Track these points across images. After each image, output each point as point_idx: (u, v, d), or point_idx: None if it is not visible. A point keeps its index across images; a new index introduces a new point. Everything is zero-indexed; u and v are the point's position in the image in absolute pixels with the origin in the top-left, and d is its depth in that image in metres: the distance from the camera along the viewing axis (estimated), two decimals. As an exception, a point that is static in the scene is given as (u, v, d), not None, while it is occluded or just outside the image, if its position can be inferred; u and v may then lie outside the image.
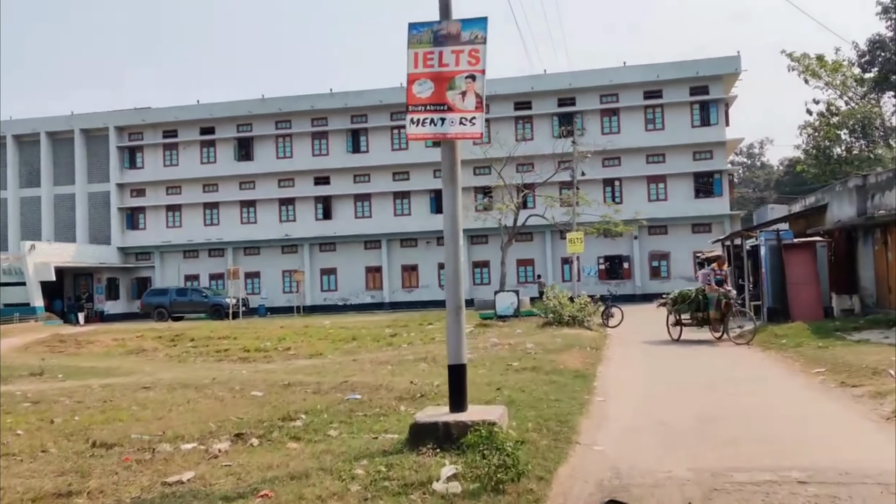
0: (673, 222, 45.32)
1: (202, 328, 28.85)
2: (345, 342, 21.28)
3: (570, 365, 13.55)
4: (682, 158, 45.38)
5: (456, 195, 7.85)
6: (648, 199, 45.64)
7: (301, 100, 49.33)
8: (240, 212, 50.68)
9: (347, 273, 49.02)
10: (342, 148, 49.29)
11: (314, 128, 49.71)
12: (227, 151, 50.59)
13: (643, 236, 45.57)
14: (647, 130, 46.05)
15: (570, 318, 20.93)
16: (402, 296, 48.35)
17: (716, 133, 44.96)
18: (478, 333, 21.39)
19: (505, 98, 47.15)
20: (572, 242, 31.21)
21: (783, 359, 14.03)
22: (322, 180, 49.75)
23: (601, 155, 45.26)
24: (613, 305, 24.87)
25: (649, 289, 45.24)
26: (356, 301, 48.81)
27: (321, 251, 49.84)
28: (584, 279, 45.85)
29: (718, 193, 45.11)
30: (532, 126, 47.13)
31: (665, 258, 45.77)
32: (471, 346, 16.85)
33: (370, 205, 49.17)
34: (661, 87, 45.76)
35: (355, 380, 12.36)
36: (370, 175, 49.13)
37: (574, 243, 31.14)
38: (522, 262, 47.31)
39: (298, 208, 49.86)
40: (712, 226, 45.21)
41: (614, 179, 46.42)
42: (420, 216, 48.14)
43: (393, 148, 48.81)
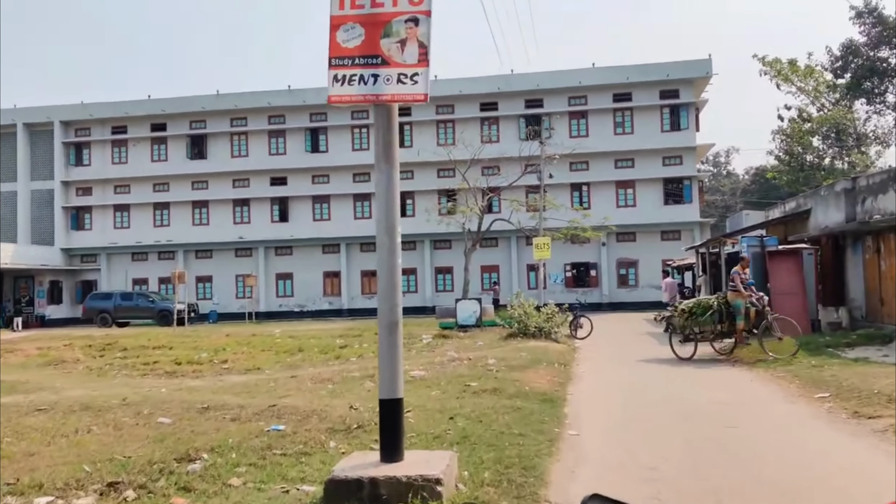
0: (642, 229, 44.05)
1: (139, 336, 26.66)
2: (290, 354, 19.37)
3: (537, 385, 11.84)
4: (651, 163, 44.17)
5: (392, 177, 6.13)
6: (617, 204, 44.33)
7: (258, 96, 47.23)
8: (192, 213, 48.33)
9: (304, 278, 46.95)
10: (300, 147, 47.26)
11: (271, 126, 47.61)
12: (179, 149, 48.25)
13: (611, 243, 44.23)
14: (615, 134, 44.75)
15: (536, 329, 19.27)
16: (361, 302, 46.39)
17: (686, 138, 43.80)
18: (436, 345, 19.63)
19: (471, 98, 45.56)
20: (539, 248, 29.63)
21: (774, 379, 12.48)
22: (279, 181, 47.65)
23: (568, 159, 43.89)
24: (582, 315, 23.28)
25: (617, 297, 43.92)
26: (313, 307, 46.76)
27: (277, 255, 47.71)
28: (550, 286, 44.40)
29: (688, 200, 43.93)
30: (498, 128, 45.57)
31: (633, 266, 44.46)
32: (426, 361, 15.10)
33: (329, 207, 47.17)
34: (630, 89, 44.52)
35: (286, 403, 10.52)
36: (329, 176, 47.15)
37: (541, 249, 29.55)
38: (487, 269, 45.67)
39: (253, 210, 47.69)
40: (681, 233, 44.03)
41: (582, 184, 45.02)
42: (381, 219, 46.18)
43: (354, 148, 46.91)
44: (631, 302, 43.33)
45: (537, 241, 29.86)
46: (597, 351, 18.89)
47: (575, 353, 18.30)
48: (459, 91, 45.18)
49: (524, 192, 42.42)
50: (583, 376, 13.83)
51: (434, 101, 45.63)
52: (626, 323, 30.65)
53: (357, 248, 46.88)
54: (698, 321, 15.69)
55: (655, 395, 11.49)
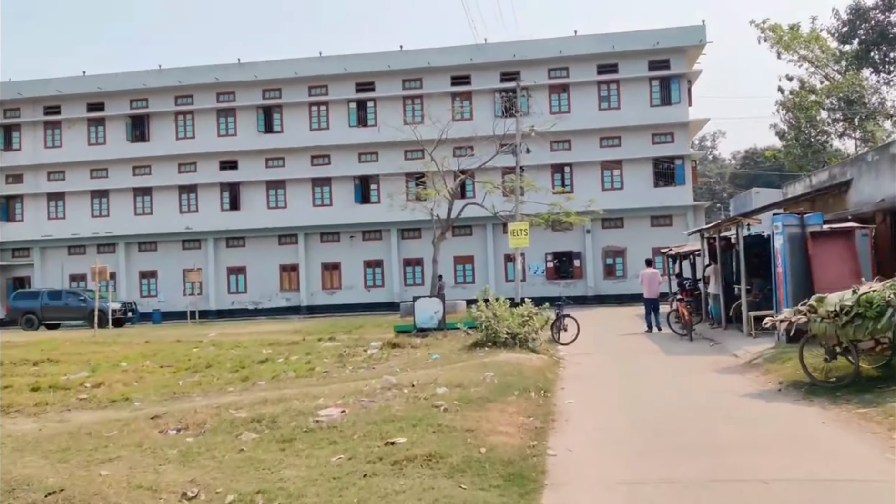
0: (630, 214, 39.95)
1: (38, 344, 22.17)
2: (193, 371, 15.00)
3: (501, 440, 7.59)
4: (639, 141, 40.04)
5: None
6: (602, 187, 40.17)
7: (204, 71, 42.56)
8: (133, 201, 43.64)
9: (259, 272, 42.46)
10: (252, 127, 42.65)
11: (220, 104, 42.97)
12: (119, 131, 43.50)
13: (596, 230, 40.11)
14: (600, 109, 40.57)
15: (508, 335, 15.01)
16: (322, 298, 42.01)
17: (677, 113, 39.71)
18: (380, 358, 15.32)
19: (440, 71, 41.17)
20: (515, 235, 25.42)
21: (857, 422, 8.29)
22: (229, 164, 43.06)
23: (549, 137, 39.59)
24: (566, 315, 19.08)
25: (603, 289, 39.85)
26: (269, 304, 42.32)
27: (228, 247, 43.15)
28: (529, 278, 40.28)
29: (680, 181, 39.87)
30: (471, 103, 41.22)
31: (621, 255, 40.36)
32: (353, 389, 10.83)
33: (285, 193, 42.66)
34: (616, 60, 40.34)
35: (72, 492, 6.18)
36: (285, 158, 42.62)
37: (517, 236, 25.34)
38: (461, 260, 41.42)
39: (201, 197, 43.07)
40: (673, 218, 40.02)
41: (564, 165, 40.83)
42: (343, 206, 41.90)
43: (311, 127, 42.41)
44: (618, 294, 39.24)
45: (513, 227, 25.63)
46: (588, 364, 14.69)
47: (558, 368, 14.08)
48: (428, 63, 40.81)
49: (500, 174, 38.09)
50: (572, 414, 9.58)
51: (400, 75, 41.32)
52: (617, 320, 26.51)
53: (317, 238, 42.46)
54: (861, 328, 9.47)
55: (687, 450, 7.24)
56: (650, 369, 13.69)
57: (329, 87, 42.17)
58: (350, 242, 42.09)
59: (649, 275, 21.87)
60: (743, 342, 16.08)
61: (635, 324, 24.89)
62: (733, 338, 17.16)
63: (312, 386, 11.69)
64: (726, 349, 15.86)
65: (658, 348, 16.87)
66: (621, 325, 24.39)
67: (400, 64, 41.13)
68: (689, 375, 12.60)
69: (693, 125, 40.59)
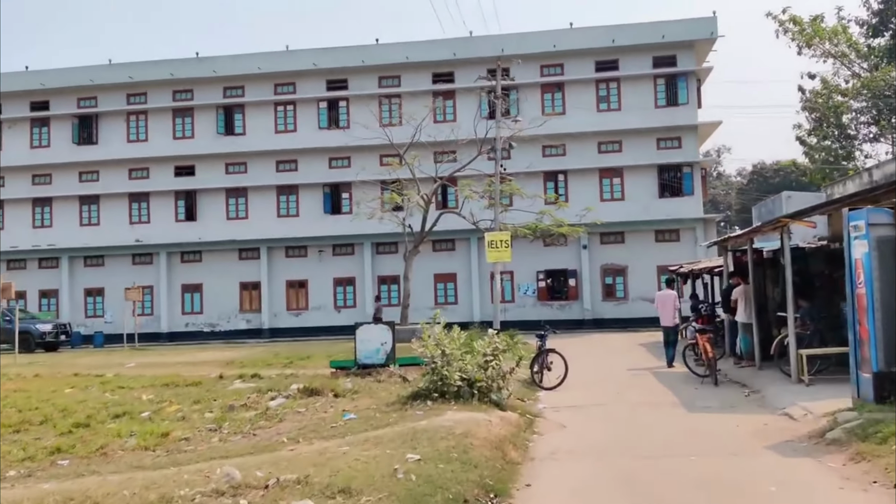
0: (632, 227, 35.50)
1: None
2: (15, 430, 10.49)
3: None
4: (642, 146, 35.65)
5: None
6: (601, 197, 35.72)
7: (159, 66, 38.28)
8: (79, 210, 39.18)
9: (216, 290, 37.92)
10: (211, 129, 38.31)
11: (175, 102, 38.65)
12: (64, 132, 39.12)
13: (594, 245, 35.65)
14: (599, 111, 36.22)
15: (463, 382, 10.49)
16: (286, 320, 37.46)
17: (685, 115, 35.36)
18: (277, 416, 10.70)
19: (420, 67, 36.91)
20: (494, 247, 20.99)
21: None
22: (185, 170, 38.66)
23: (541, 141, 35.30)
24: (550, 350, 14.62)
25: (602, 312, 35.34)
26: (228, 326, 37.78)
27: (183, 262, 38.63)
28: (519, 299, 35.88)
29: (688, 192, 35.43)
30: (455, 103, 36.89)
31: (621, 273, 35.85)
32: (157, 496, 6.26)
33: (246, 202, 38.24)
34: (616, 55, 36.05)
35: None
36: (247, 164, 38.24)
37: (496, 248, 20.91)
38: (442, 278, 36.91)
39: (154, 206, 38.62)
40: (681, 232, 35.57)
41: (557, 172, 36.41)
42: (310, 217, 37.47)
43: (277, 129, 38.04)
44: (618, 318, 34.74)
45: (491, 238, 21.19)
46: (576, 425, 10.22)
47: (531, 434, 9.61)
48: (406, 58, 36.54)
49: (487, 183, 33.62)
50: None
51: (376, 71, 37.05)
52: (617, 351, 22.03)
53: (281, 252, 37.97)
54: None
55: None
56: (669, 440, 9.16)
57: (297, 85, 37.88)
58: (318, 258, 37.62)
59: (663, 297, 17.47)
60: (792, 392, 11.58)
61: (640, 356, 20.40)
62: (774, 383, 12.66)
63: (117, 473, 7.16)
64: (770, 402, 11.36)
65: (675, 398, 12.34)
66: (623, 358, 19.88)
67: (375, 59, 36.87)
68: (731, 458, 8.06)
69: (703, 129, 36.23)
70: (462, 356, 10.88)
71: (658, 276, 35.02)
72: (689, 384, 13.95)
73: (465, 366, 10.71)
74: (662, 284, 34.14)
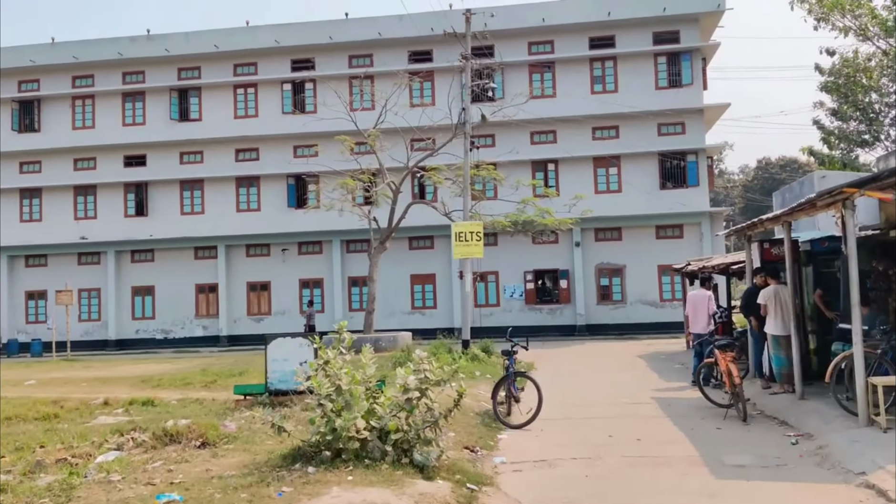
0: (630, 223, 31.82)
1: None
2: None
3: None
4: (642, 132, 31.97)
5: None
6: (595, 189, 32.05)
7: (106, 45, 34.62)
8: (19, 204, 35.49)
9: (170, 293, 34.21)
10: (164, 114, 34.61)
11: (125, 86, 34.97)
12: (3, 119, 35.41)
13: (588, 243, 31.99)
14: (593, 93, 32.53)
15: (371, 433, 6.78)
16: (247, 325, 33.75)
17: (690, 97, 31.70)
18: (85, 482, 6.95)
19: (395, 45, 33.21)
20: (462, 241, 17.30)
21: None
22: (135, 160, 34.99)
23: (528, 127, 31.79)
24: (520, 373, 10.94)
25: (596, 317, 31.69)
26: (182, 333, 34.09)
27: (133, 261, 34.93)
28: (505, 303, 32.24)
29: (693, 182, 31.74)
30: (433, 85, 33.21)
31: (618, 274, 32.13)
32: None
33: (203, 195, 34.53)
34: (613, 31, 32.41)
35: None
36: (203, 153, 34.56)
37: (464, 242, 17.23)
38: (419, 279, 33.22)
39: (102, 200, 34.92)
40: (684, 228, 31.88)
41: (547, 161, 32.70)
42: (274, 211, 33.80)
43: (236, 114, 34.34)
44: (615, 324, 31.12)
45: (459, 228, 17.53)
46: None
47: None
48: (379, 34, 32.89)
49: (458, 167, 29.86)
50: None
51: (346, 49, 33.39)
52: (613, 366, 18.31)
53: (241, 251, 34.28)
54: None
55: None
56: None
57: (258, 65, 34.19)
58: (282, 257, 33.91)
59: (696, 299, 14.03)
60: (865, 441, 7.88)
61: (640, 373, 16.69)
62: (830, 423, 8.96)
63: None
64: (837, 458, 7.64)
65: (691, 448, 8.60)
66: (619, 376, 16.17)
67: (345, 35, 33.18)
68: None
69: (709, 113, 32.53)
70: (371, 394, 7.18)
71: (659, 277, 31.42)
72: (709, 420, 10.26)
73: (375, 408, 7.01)
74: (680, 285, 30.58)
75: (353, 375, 7.02)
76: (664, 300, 31.44)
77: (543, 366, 18.95)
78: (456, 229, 17.73)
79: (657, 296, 31.50)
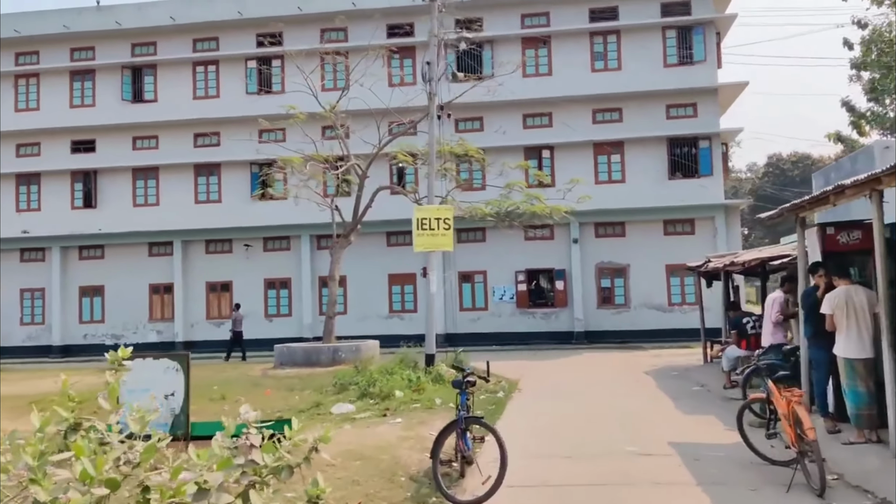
0: (635, 216, 28.29)
1: None
2: None
3: None
4: (649, 115, 28.43)
5: None
6: (596, 178, 28.50)
7: (51, 18, 31.17)
8: (-44, 195, 32.01)
9: (122, 294, 30.70)
10: (115, 94, 31.10)
11: (74, 63, 31.47)
12: (-61, 99, 31.98)
13: (587, 239, 28.47)
14: (594, 71, 28.97)
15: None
16: (205, 331, 30.24)
17: (702, 75, 28.15)
18: None
19: (371, 17, 29.57)
20: (425, 229, 13.73)
21: None
22: (83, 145, 31.49)
23: (521, 109, 28.35)
24: (477, 420, 7.33)
25: (597, 323, 28.16)
26: (134, 339, 30.47)
27: (81, 258, 31.42)
28: (494, 307, 28.79)
29: (706, 171, 28.18)
30: (414, 63, 29.63)
31: (621, 274, 28.57)
32: None
33: (157, 184, 31.00)
34: (616, 1, 28.88)
35: None
36: (158, 137, 31.05)
37: (428, 231, 13.67)
38: (399, 279, 29.70)
39: (46, 190, 31.40)
40: (696, 223, 28.33)
41: (542, 147, 29.14)
42: (235, 202, 30.29)
43: (195, 95, 30.83)
44: (618, 331, 27.61)
45: (422, 214, 13.96)
46: None
47: None
48: (353, 4, 29.37)
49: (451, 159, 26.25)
50: None
51: (316, 22, 29.89)
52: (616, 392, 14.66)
53: (200, 247, 30.77)
54: None
55: None
56: None
57: (220, 40, 30.70)
58: (246, 253, 30.39)
59: (767, 302, 10.68)
60: None
61: (649, 398, 13.11)
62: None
63: None
64: None
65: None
66: (623, 402, 12.60)
67: (316, 6, 29.65)
68: None
69: (724, 93, 28.95)
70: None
71: (667, 277, 27.87)
72: (764, 490, 6.72)
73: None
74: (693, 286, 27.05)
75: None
76: (672, 304, 27.90)
77: (529, 384, 15.43)
78: (418, 214, 14.20)
79: (665, 299, 27.94)
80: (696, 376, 16.06)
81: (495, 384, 14.83)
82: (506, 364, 19.58)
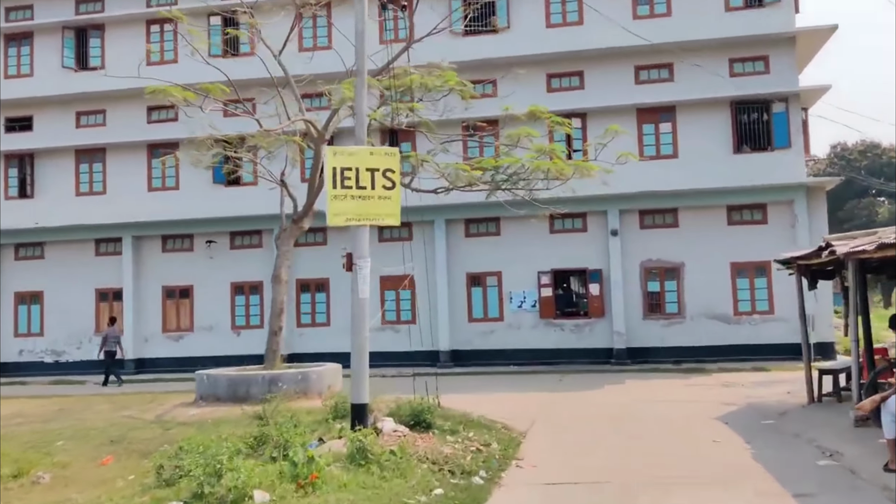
0: (690, 201, 22.26)
1: None
2: None
3: None
4: (707, 73, 22.25)
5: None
6: (640, 153, 22.31)
7: (-18, -29, 26.21)
8: None
9: (64, 301, 25.57)
10: (56, 61, 25.97)
11: (8, 24, 26.46)
12: None
13: (629, 230, 22.55)
14: (636, 18, 22.96)
15: None
16: (161, 346, 24.94)
17: (775, 19, 22.03)
18: None
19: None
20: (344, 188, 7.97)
21: None
22: (19, 123, 26.45)
23: (544, 67, 22.59)
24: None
25: (642, 338, 22.17)
26: (79, 356, 25.42)
27: (17, 258, 26.38)
28: (512, 315, 22.95)
29: (782, 143, 22.02)
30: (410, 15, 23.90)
31: (674, 275, 22.48)
32: None
33: (104, 168, 25.83)
34: (664, -73, 22.93)
35: None
36: (106, 112, 25.87)
37: (348, 191, 7.91)
38: (391, 282, 23.89)
39: (-24, 177, 26.48)
40: (768, 209, 22.19)
41: (571, 115, 23.03)
42: (196, 189, 24.91)
43: (150, 60, 25.47)
44: (669, 347, 21.60)
45: (337, 161, 8.06)
46: None
47: None
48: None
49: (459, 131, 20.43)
50: None
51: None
52: (688, 473, 8.54)
53: (156, 244, 25.49)
54: None
55: None
56: None
57: (178, -7, 25.43)
58: (209, 252, 25.00)
59: None
60: None
61: (742, 473, 6.98)
62: None
63: None
64: None
65: None
66: (709, 494, 6.59)
67: (290, -54, 24.11)
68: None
69: (803, 41, 22.69)
70: None
71: (733, 279, 21.82)
72: None
73: None
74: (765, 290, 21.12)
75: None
76: (740, 312, 21.79)
77: (538, 445, 9.69)
78: (333, 162, 8.44)
79: (730, 307, 21.81)
80: (806, 429, 10.09)
81: (482, 445, 9.13)
82: (514, 398, 13.97)
